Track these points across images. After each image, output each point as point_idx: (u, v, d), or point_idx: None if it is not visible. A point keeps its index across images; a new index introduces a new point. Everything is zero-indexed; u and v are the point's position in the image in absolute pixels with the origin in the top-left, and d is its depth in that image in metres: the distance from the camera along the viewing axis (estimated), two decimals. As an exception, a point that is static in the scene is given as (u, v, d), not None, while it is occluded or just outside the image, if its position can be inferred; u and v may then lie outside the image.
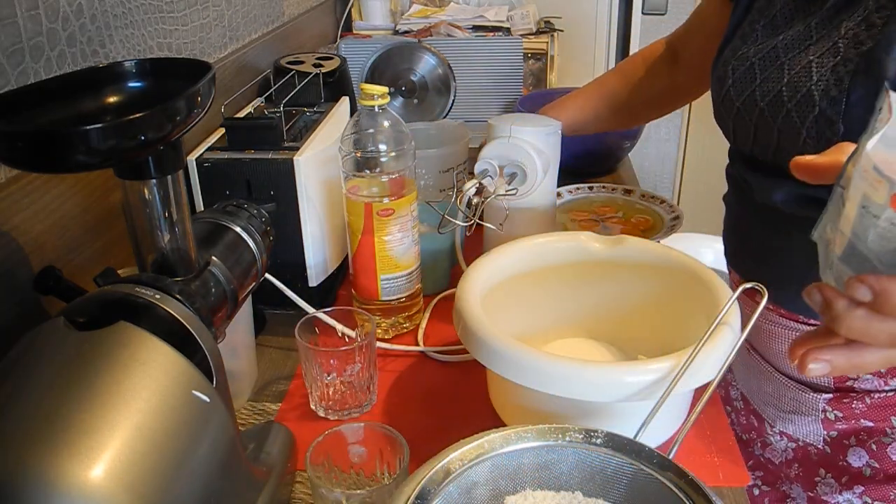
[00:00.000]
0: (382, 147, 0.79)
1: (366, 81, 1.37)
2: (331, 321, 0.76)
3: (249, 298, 0.72)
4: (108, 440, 0.41)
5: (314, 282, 0.88)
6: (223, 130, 0.88)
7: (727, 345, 0.61)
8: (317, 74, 1.03)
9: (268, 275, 0.73)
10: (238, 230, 0.66)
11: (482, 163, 0.87)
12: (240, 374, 0.76)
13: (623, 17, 2.30)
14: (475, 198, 0.87)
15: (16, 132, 0.44)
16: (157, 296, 0.50)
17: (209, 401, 0.48)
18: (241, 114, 0.95)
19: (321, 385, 0.73)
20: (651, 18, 2.42)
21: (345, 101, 1.03)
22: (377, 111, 0.79)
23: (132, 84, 0.54)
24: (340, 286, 0.97)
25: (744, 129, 0.73)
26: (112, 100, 0.53)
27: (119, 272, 0.56)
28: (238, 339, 0.75)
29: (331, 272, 0.91)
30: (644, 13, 2.36)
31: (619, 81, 1.07)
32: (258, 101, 1.01)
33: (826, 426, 0.79)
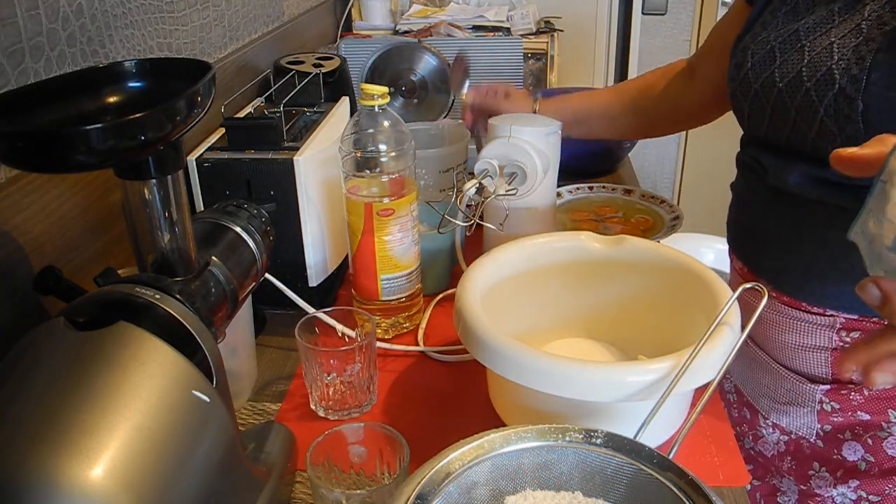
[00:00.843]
0: (382, 147, 0.79)
1: (366, 81, 1.37)
2: (331, 321, 0.76)
3: (249, 298, 0.72)
4: (108, 440, 0.41)
5: (314, 282, 0.88)
6: (223, 130, 0.89)
7: (727, 345, 0.61)
8: (317, 74, 1.03)
9: (268, 275, 0.73)
10: (238, 230, 0.66)
11: (482, 163, 0.87)
12: (240, 374, 0.76)
13: (623, 18, 2.31)
14: (475, 197, 0.87)
15: (16, 132, 0.44)
16: (157, 296, 0.50)
17: (209, 401, 0.48)
18: (241, 114, 0.95)
19: (321, 385, 0.73)
20: (651, 18, 2.42)
21: (345, 101, 1.03)
22: (377, 111, 0.79)
23: (132, 84, 0.54)
24: (340, 286, 0.97)
25: (759, 112, 0.74)
26: (112, 100, 0.53)
27: (119, 272, 0.56)
28: (238, 339, 0.75)
29: (331, 272, 0.91)
30: (644, 13, 2.37)
31: (636, 84, 1.09)
32: (258, 101, 1.01)
33: (821, 419, 0.80)
